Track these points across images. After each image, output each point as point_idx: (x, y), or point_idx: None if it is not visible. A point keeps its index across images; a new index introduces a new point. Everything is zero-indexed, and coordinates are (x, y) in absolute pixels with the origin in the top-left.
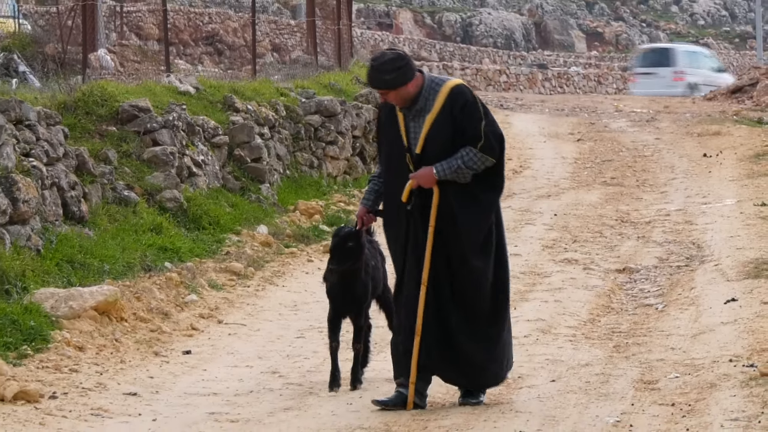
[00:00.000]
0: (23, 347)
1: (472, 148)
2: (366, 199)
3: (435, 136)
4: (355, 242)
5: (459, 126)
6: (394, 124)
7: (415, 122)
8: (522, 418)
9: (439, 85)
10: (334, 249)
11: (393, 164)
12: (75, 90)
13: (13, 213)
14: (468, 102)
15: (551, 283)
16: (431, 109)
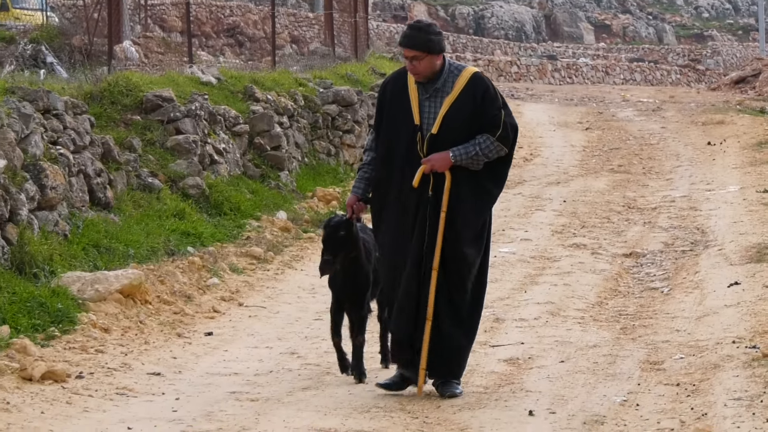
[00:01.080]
0: (51, 329)
1: (490, 136)
2: (356, 187)
3: (453, 118)
4: (346, 231)
5: (478, 112)
6: (404, 102)
7: (432, 102)
8: (532, 397)
9: (459, 69)
10: (326, 239)
11: (398, 145)
12: (101, 80)
13: (41, 199)
14: (489, 89)
15: (560, 267)
16: (450, 91)
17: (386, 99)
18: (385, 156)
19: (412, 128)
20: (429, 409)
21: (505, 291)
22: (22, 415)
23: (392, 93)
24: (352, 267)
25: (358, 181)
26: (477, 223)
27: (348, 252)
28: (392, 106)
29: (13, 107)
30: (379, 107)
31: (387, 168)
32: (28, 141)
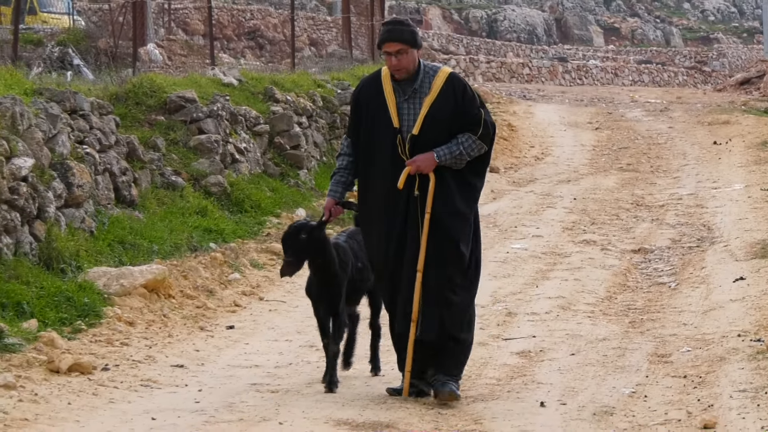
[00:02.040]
0: (77, 322)
1: (471, 135)
2: (333, 191)
3: (434, 118)
4: (309, 235)
5: (459, 111)
6: (381, 106)
7: (410, 104)
8: (544, 389)
9: (434, 70)
10: (283, 240)
11: (377, 149)
12: (126, 82)
13: (68, 197)
14: (467, 89)
15: (571, 262)
16: (428, 92)
17: (361, 104)
18: (366, 162)
19: (391, 131)
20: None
21: (517, 286)
22: (50, 406)
23: (368, 98)
24: (325, 274)
25: (334, 184)
26: (466, 219)
27: (314, 257)
28: (369, 110)
29: (41, 108)
30: (355, 113)
31: (369, 173)
32: (55, 140)
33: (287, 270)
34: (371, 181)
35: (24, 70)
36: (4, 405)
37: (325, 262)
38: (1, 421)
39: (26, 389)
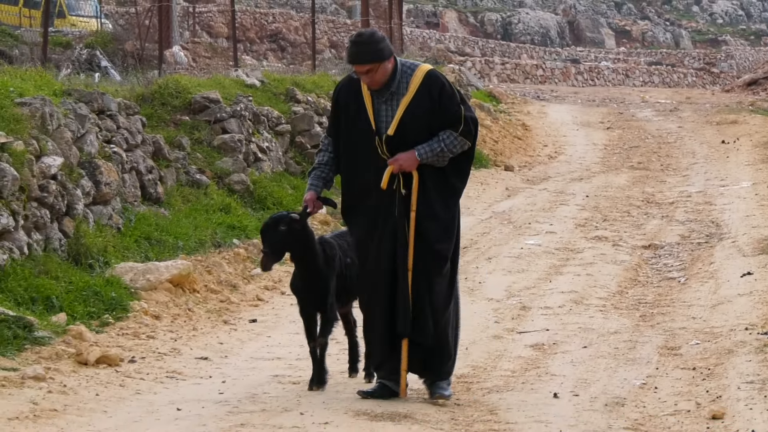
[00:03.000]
0: (105, 316)
1: (453, 132)
2: (314, 185)
3: (411, 118)
4: (288, 227)
5: (437, 109)
6: (359, 108)
7: (388, 105)
8: (557, 380)
9: (411, 69)
10: (263, 232)
11: (358, 150)
12: (152, 83)
13: (96, 194)
14: (445, 86)
15: (583, 258)
16: (405, 92)
17: (340, 106)
18: (348, 161)
19: (369, 133)
20: (460, 392)
21: (531, 281)
22: (78, 397)
23: (346, 99)
24: (308, 269)
25: (315, 179)
26: (446, 219)
27: (295, 250)
28: (347, 112)
29: (70, 108)
30: (334, 113)
31: (351, 173)
32: (83, 140)
33: (266, 263)
34: (353, 181)
35: (53, 72)
36: (34, 396)
37: (308, 255)
38: (31, 411)
39: (55, 381)
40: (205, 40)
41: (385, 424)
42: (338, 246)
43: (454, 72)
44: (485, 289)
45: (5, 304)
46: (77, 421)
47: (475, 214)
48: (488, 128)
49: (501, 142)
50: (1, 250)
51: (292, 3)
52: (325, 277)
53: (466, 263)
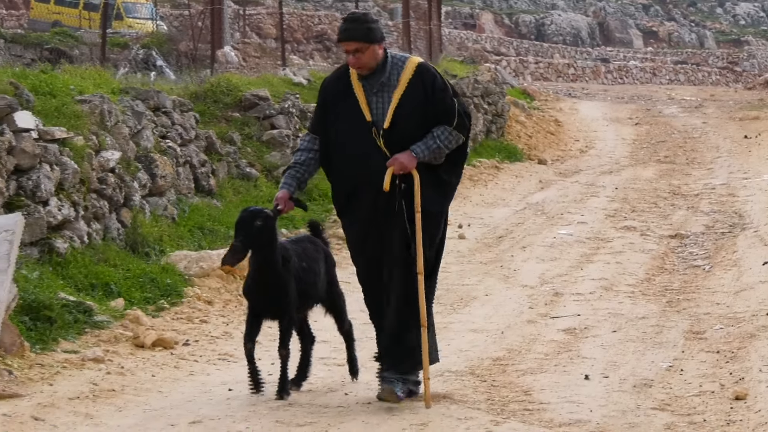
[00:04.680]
0: (161, 301)
1: (447, 127)
2: (288, 184)
3: (404, 110)
4: (263, 222)
5: (430, 102)
6: (350, 101)
7: (379, 97)
8: (588, 363)
9: (402, 61)
10: (238, 224)
11: (350, 145)
12: (204, 81)
13: (152, 186)
14: (437, 79)
15: (613, 247)
16: (397, 84)
17: (329, 100)
18: (339, 159)
19: (364, 126)
20: (495, 373)
21: (564, 268)
22: (135, 378)
23: (335, 93)
24: (265, 272)
25: (289, 178)
26: (434, 219)
27: (262, 248)
28: (338, 106)
29: (127, 105)
30: (321, 109)
31: (343, 170)
32: (140, 135)
33: (231, 258)
34: (344, 178)
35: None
36: (93, 377)
37: (270, 257)
38: (91, 391)
39: (114, 363)
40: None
41: (422, 403)
42: (294, 251)
43: (490, 71)
44: (520, 276)
45: (67, 290)
46: (134, 400)
47: (510, 205)
48: (522, 124)
49: (535, 137)
50: (63, 239)
51: (337, 6)
52: (284, 282)
53: (502, 252)
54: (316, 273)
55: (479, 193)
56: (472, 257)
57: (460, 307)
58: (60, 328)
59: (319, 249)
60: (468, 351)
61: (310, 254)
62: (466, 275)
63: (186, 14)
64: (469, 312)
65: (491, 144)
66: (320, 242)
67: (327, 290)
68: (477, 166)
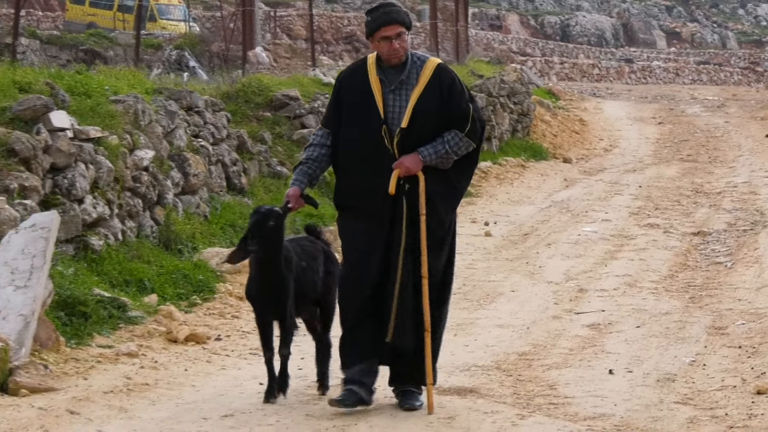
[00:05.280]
0: (193, 297)
1: (458, 132)
2: (299, 181)
3: (422, 110)
4: (276, 222)
5: (446, 105)
6: (366, 96)
7: (396, 95)
8: (612, 358)
9: (422, 61)
10: (254, 226)
11: (361, 142)
12: (236, 82)
13: (185, 185)
14: (455, 82)
15: (636, 244)
16: (416, 83)
17: (343, 94)
18: (347, 154)
19: (376, 123)
20: (521, 368)
21: (588, 265)
22: (169, 372)
23: (350, 87)
24: (269, 272)
25: (300, 174)
26: (445, 223)
27: (270, 248)
28: (351, 101)
29: (161, 105)
30: (335, 103)
31: (350, 166)
32: (173, 134)
33: (238, 255)
34: (350, 177)
35: (145, 71)
36: (127, 371)
37: (275, 257)
38: (125, 385)
39: (147, 357)
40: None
41: (452, 398)
42: (293, 249)
43: (516, 71)
44: (545, 272)
45: (101, 286)
46: (167, 394)
47: (536, 203)
48: (548, 123)
49: (560, 136)
50: (98, 237)
51: (365, 8)
52: (286, 282)
53: (527, 249)
54: (315, 271)
55: (505, 191)
56: (498, 254)
57: (486, 303)
58: (95, 323)
59: (318, 248)
60: (494, 346)
61: (311, 253)
62: (493, 272)
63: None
64: (496, 308)
65: (517, 143)
66: (320, 241)
67: (322, 293)
68: (503, 165)
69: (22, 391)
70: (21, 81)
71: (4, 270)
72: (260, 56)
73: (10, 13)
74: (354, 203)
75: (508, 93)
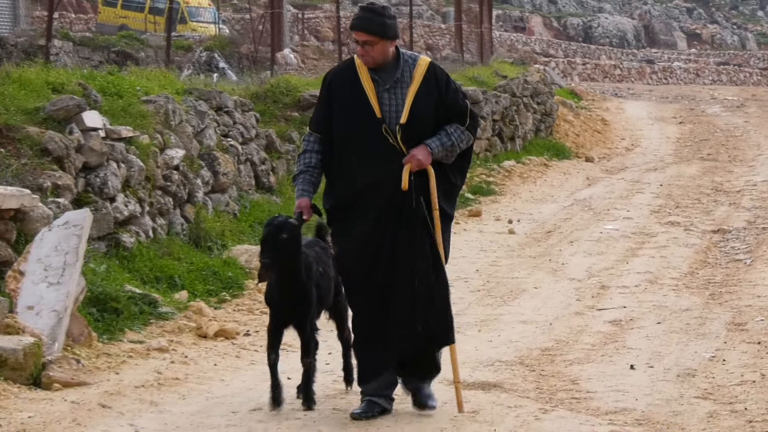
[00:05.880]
0: (222, 293)
1: (459, 126)
2: (306, 191)
3: (420, 107)
4: (290, 234)
5: (443, 101)
6: (358, 96)
7: (391, 93)
8: (633, 353)
9: (414, 59)
10: (266, 239)
11: (358, 143)
12: (265, 82)
13: (214, 183)
14: (449, 78)
15: (657, 241)
16: (411, 81)
17: (333, 95)
18: (342, 157)
19: (373, 123)
20: (544, 363)
21: (610, 262)
22: (198, 367)
23: (341, 88)
24: (290, 280)
25: (305, 184)
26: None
27: (289, 259)
28: (342, 101)
29: (191, 105)
30: (324, 104)
31: (346, 170)
32: (203, 134)
33: (265, 274)
34: (349, 178)
35: (176, 73)
36: (158, 366)
37: (295, 266)
38: (156, 379)
39: (178, 352)
40: (313, 44)
41: (476, 392)
42: (312, 257)
43: (539, 72)
44: (568, 269)
45: (132, 283)
46: (197, 388)
47: (559, 201)
48: (570, 123)
49: (582, 135)
50: (129, 234)
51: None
52: (308, 290)
53: (550, 246)
54: (330, 278)
55: (528, 190)
56: (521, 251)
57: (510, 299)
58: (126, 319)
59: (328, 253)
60: (518, 342)
61: (324, 259)
62: (516, 269)
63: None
64: (519, 304)
65: (540, 142)
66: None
67: (333, 296)
68: (526, 164)
69: (55, 385)
70: (54, 82)
71: (38, 267)
72: (288, 57)
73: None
74: (354, 206)
75: (531, 93)
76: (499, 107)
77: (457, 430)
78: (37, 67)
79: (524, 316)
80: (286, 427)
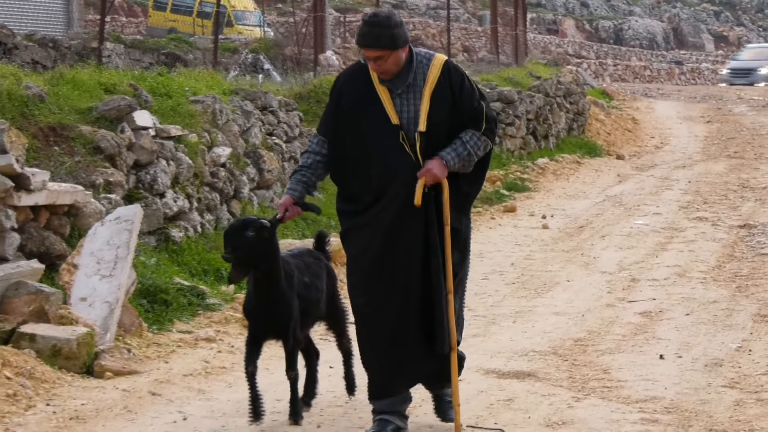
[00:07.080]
0: None
1: (475, 132)
2: (292, 189)
3: (436, 112)
4: (257, 232)
5: (458, 104)
6: (371, 102)
7: (405, 98)
8: (662, 344)
9: (428, 59)
10: (225, 235)
11: (371, 150)
12: (308, 83)
13: (259, 180)
14: (465, 79)
15: (686, 236)
16: (424, 83)
17: (343, 99)
18: (352, 165)
19: (389, 130)
20: (577, 353)
21: (640, 256)
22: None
23: (351, 93)
24: (268, 289)
25: (295, 183)
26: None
27: (259, 262)
28: (353, 106)
29: (237, 105)
30: (333, 109)
31: (358, 177)
32: (249, 133)
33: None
34: (363, 186)
35: (223, 74)
36: (206, 355)
37: (272, 272)
38: (204, 368)
39: (224, 342)
40: (354, 46)
41: (511, 381)
42: (295, 265)
43: (572, 72)
44: (599, 263)
45: (181, 276)
46: (243, 377)
47: (590, 197)
48: (602, 122)
49: (613, 134)
50: (178, 229)
51: (429, 13)
52: (288, 299)
53: (582, 240)
54: (319, 289)
55: (561, 186)
56: (555, 246)
57: (543, 291)
58: (175, 310)
59: (321, 264)
60: (551, 332)
61: (313, 269)
62: (549, 262)
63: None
64: (552, 296)
65: (573, 140)
66: (323, 256)
67: (329, 306)
68: (559, 161)
69: (107, 373)
70: (106, 83)
71: (91, 260)
72: (330, 59)
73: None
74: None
75: (564, 93)
76: (534, 107)
77: (493, 417)
78: (90, 69)
79: (557, 308)
80: (329, 414)
